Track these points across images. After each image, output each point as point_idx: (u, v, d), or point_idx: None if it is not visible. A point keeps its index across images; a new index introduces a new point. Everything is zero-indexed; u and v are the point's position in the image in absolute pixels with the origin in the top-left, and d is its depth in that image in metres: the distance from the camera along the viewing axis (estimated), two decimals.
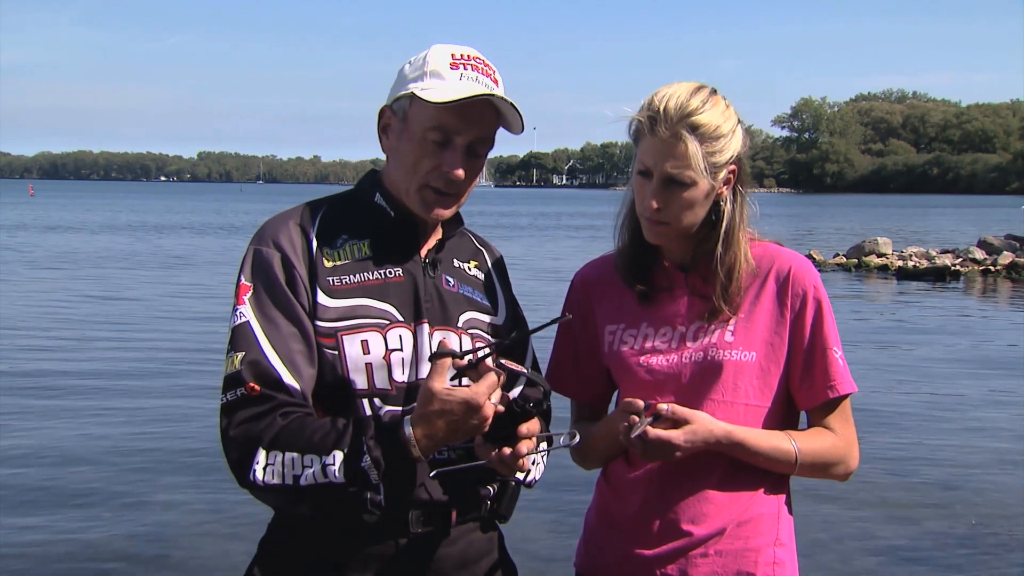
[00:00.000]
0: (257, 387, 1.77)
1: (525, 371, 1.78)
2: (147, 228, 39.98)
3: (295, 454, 1.72)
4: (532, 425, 1.80)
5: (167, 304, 15.77)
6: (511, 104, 1.86)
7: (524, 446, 1.78)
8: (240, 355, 1.79)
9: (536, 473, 2.01)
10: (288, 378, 1.78)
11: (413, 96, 1.86)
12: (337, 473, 1.70)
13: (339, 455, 1.70)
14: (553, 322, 1.80)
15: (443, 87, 1.85)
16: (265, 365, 1.78)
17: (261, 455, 1.73)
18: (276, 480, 1.73)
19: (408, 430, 1.71)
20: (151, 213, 55.95)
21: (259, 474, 1.73)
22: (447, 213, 1.94)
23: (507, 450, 1.77)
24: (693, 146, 1.92)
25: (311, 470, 1.71)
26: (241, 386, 1.77)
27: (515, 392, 1.75)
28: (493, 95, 1.85)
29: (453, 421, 1.70)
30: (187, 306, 15.43)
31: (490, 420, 1.71)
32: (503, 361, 1.77)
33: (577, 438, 1.85)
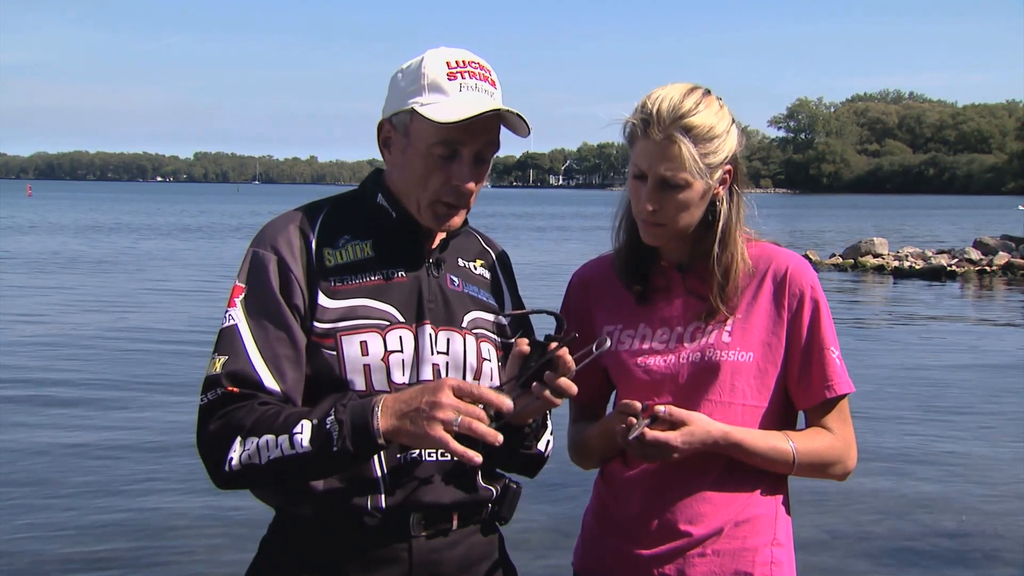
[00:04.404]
0: (236, 389, 1.76)
1: (539, 310, 1.88)
2: (105, 229, 39.03)
3: (270, 436, 1.70)
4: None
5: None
6: (517, 114, 1.85)
7: (565, 359, 1.76)
8: (223, 359, 1.79)
9: (546, 446, 2.01)
10: (270, 381, 1.78)
11: (414, 111, 1.84)
12: (304, 442, 1.67)
13: (307, 424, 1.69)
14: (563, 344, 1.80)
15: (445, 104, 1.82)
16: (247, 370, 1.78)
17: (237, 443, 1.72)
18: (248, 461, 1.70)
19: (383, 396, 1.70)
20: (126, 214, 55.16)
21: (235, 462, 1.72)
22: (459, 222, 1.94)
23: (549, 374, 1.75)
24: (687, 148, 1.92)
25: (280, 445, 1.69)
26: (220, 388, 1.77)
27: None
28: (499, 110, 1.83)
29: (420, 392, 1.66)
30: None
31: (439, 415, 1.63)
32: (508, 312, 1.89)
33: (608, 343, 1.83)
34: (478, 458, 1.65)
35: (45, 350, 11.37)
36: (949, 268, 23.20)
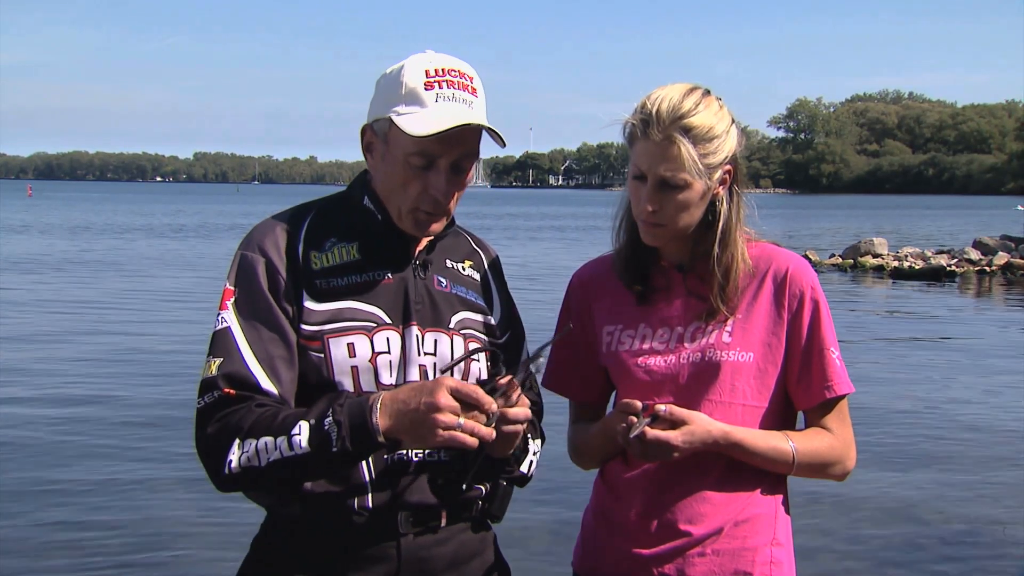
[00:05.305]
0: (233, 392, 1.77)
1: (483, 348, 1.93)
2: (94, 230, 38.90)
3: (268, 438, 1.71)
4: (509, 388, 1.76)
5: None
6: (491, 128, 1.85)
7: (511, 412, 1.74)
8: (218, 361, 1.80)
9: (529, 467, 2.00)
10: (266, 383, 1.79)
11: (392, 120, 1.84)
12: (302, 443, 1.68)
13: (305, 425, 1.70)
14: (556, 337, 1.82)
15: (421, 115, 1.82)
16: (243, 372, 1.79)
17: (235, 445, 1.73)
18: (247, 463, 1.72)
19: (379, 395, 1.71)
20: (128, 215, 54.96)
21: (234, 464, 1.73)
22: (439, 227, 1.95)
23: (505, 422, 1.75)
24: (686, 148, 1.92)
25: (279, 447, 1.70)
26: (217, 390, 1.78)
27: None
28: (469, 124, 1.82)
29: (417, 392, 1.67)
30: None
31: (441, 418, 1.64)
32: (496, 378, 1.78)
33: (546, 355, 1.78)
34: (491, 434, 1.68)
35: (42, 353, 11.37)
36: (949, 268, 23.20)
